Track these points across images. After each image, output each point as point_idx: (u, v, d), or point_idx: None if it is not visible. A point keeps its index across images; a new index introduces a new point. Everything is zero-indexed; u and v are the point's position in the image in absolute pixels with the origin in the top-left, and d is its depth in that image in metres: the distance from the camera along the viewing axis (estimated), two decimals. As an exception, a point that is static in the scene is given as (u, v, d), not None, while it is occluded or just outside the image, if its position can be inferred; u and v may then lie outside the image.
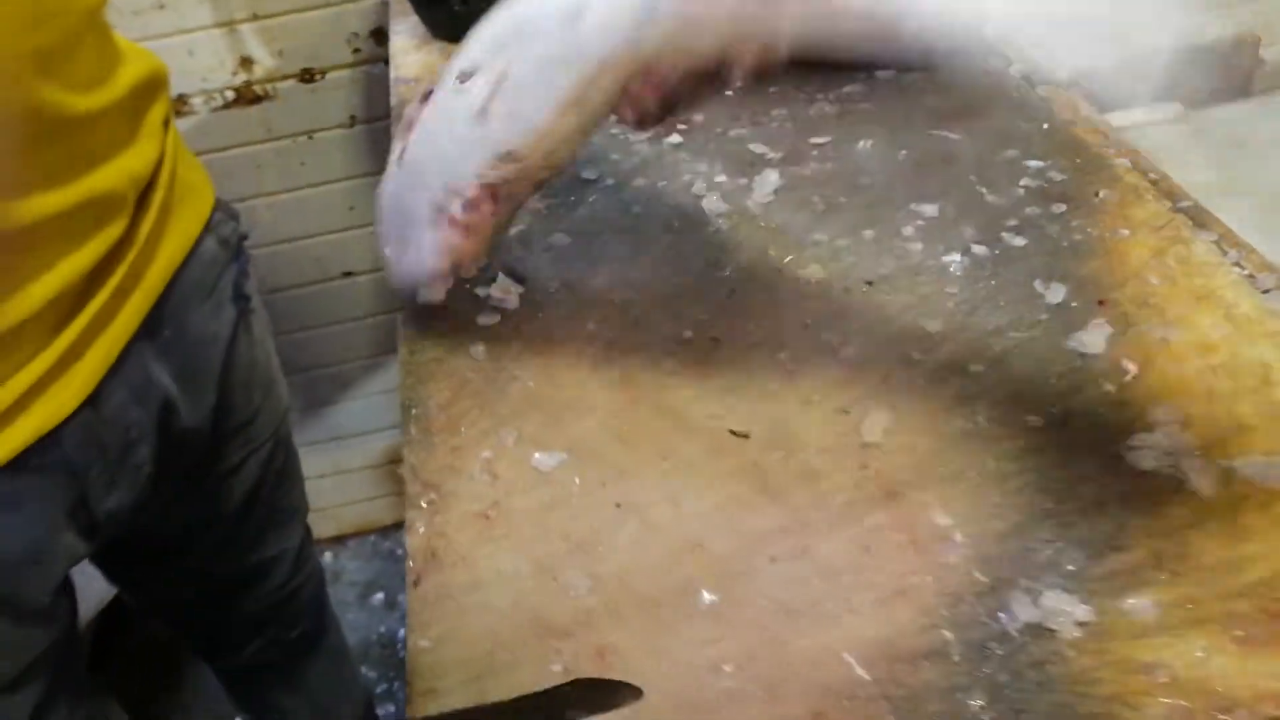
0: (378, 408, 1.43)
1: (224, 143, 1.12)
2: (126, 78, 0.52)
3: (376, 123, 1.15)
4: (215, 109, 1.10)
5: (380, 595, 1.58)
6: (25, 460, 0.50)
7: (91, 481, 0.55)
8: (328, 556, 1.65)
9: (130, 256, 0.53)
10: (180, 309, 0.60)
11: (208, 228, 0.62)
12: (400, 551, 1.51)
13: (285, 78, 1.09)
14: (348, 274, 1.28)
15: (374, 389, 1.41)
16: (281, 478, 0.80)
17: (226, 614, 0.84)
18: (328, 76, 1.10)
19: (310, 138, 1.15)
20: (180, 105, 1.09)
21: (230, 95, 1.09)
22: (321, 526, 1.63)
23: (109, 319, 0.52)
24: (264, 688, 0.95)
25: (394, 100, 0.86)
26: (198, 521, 0.75)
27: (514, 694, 0.42)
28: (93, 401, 0.53)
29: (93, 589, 1.10)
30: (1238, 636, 0.39)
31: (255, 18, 1.05)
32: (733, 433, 0.52)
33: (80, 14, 0.48)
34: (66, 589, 0.59)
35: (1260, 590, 0.41)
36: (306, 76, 1.10)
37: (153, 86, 0.56)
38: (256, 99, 1.10)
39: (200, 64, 1.06)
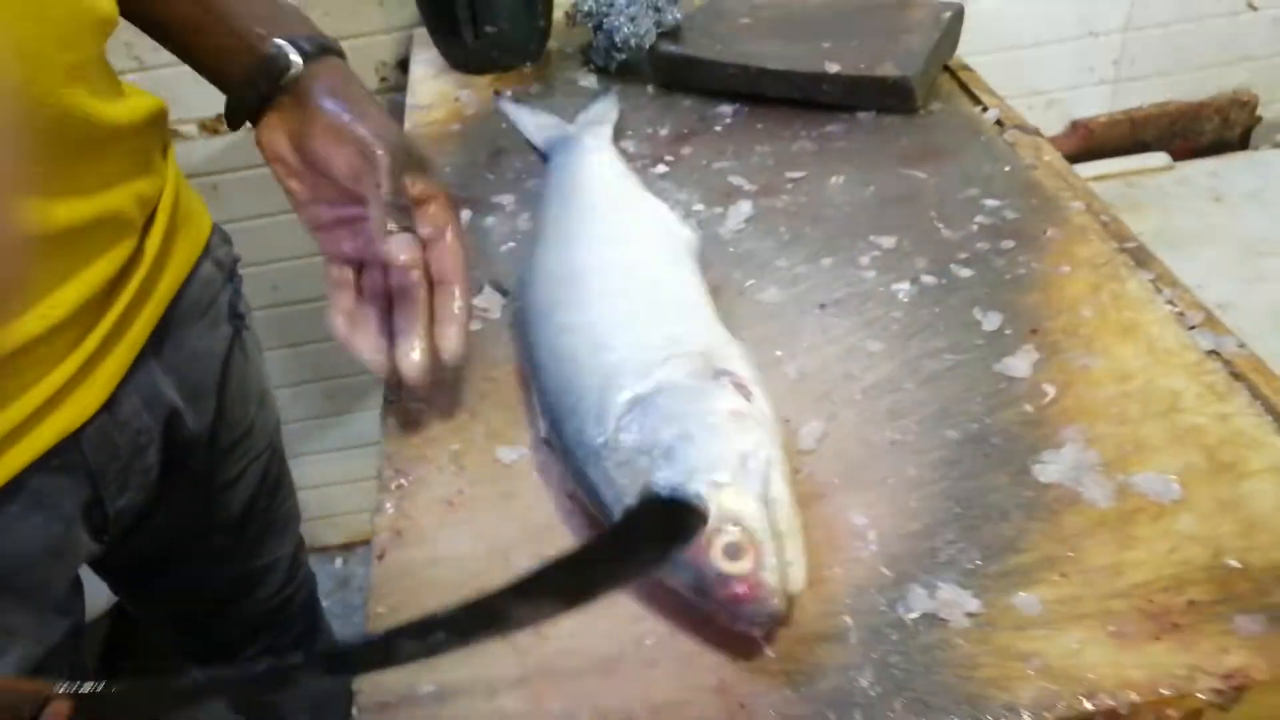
0: (390, 419, 1.49)
1: (255, 161, 1.19)
2: (137, 107, 0.59)
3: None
4: (248, 129, 1.17)
5: (385, 602, 1.63)
6: (49, 460, 0.55)
7: (107, 482, 0.60)
8: (337, 563, 1.71)
9: (140, 274, 0.59)
10: (181, 326, 0.66)
11: (205, 251, 0.69)
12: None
13: (315, 102, 1.17)
14: (366, 289, 1.34)
15: (386, 400, 1.46)
16: (276, 487, 0.85)
17: (223, 620, 0.89)
18: (356, 103, 1.17)
19: (336, 159, 1.21)
20: (216, 124, 1.16)
21: (263, 117, 1.16)
22: (331, 533, 1.68)
23: (123, 330, 0.58)
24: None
25: (407, 125, 0.93)
26: (199, 530, 0.79)
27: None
28: (109, 407, 0.58)
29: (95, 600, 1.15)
30: (1112, 631, 0.43)
31: (290, 45, 1.12)
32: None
33: (96, 37, 0.54)
34: (77, 585, 0.64)
35: (1138, 591, 0.44)
36: (335, 102, 1.17)
37: (158, 119, 0.62)
38: (288, 121, 1.17)
39: (236, 87, 1.13)
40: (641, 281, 0.60)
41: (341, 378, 1.45)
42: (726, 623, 0.43)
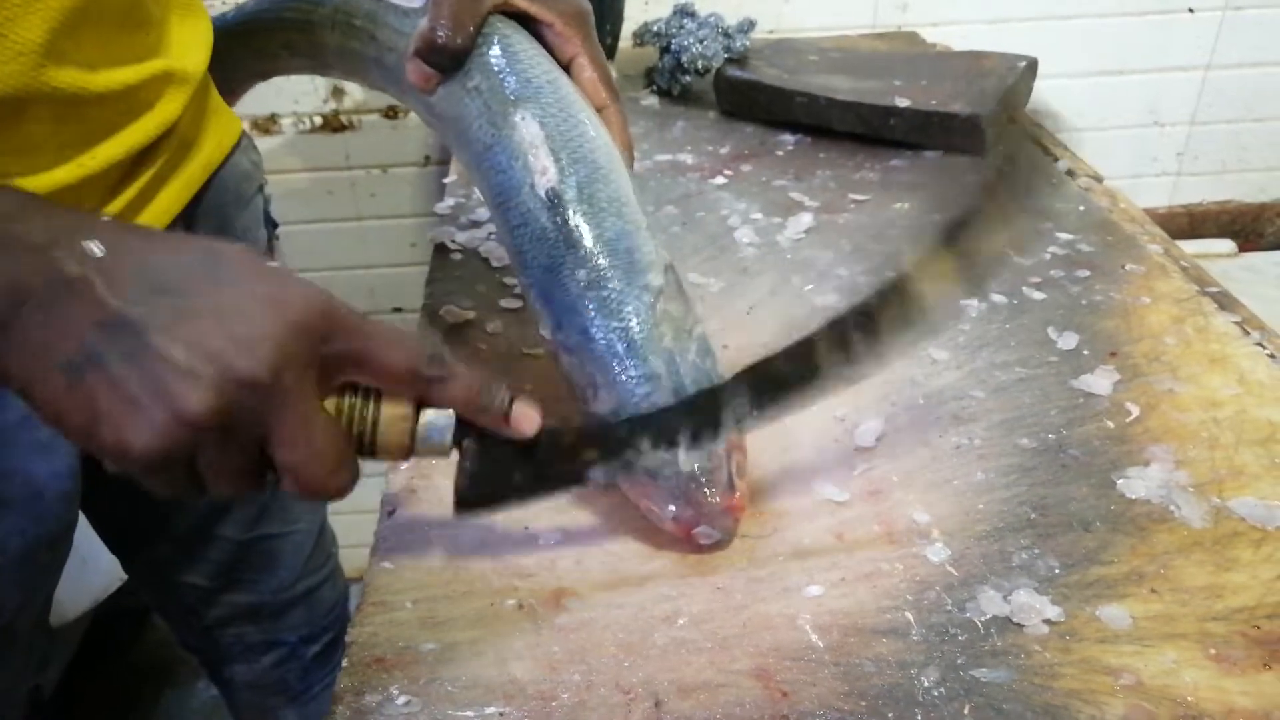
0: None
1: (304, 165, 1.19)
2: None
3: (447, 165, 1.21)
4: (302, 131, 1.17)
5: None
6: None
7: None
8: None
9: (172, 144, 0.58)
10: (218, 209, 0.64)
11: (239, 146, 0.67)
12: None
13: (370, 111, 1.17)
14: (397, 309, 1.32)
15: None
16: None
17: (236, 596, 0.79)
18: (410, 115, 1.17)
19: (385, 171, 1.21)
20: (269, 124, 1.16)
21: (318, 120, 1.16)
22: (329, 565, 1.62)
23: (152, 194, 0.56)
24: (274, 708, 0.90)
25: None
26: None
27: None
28: None
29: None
30: (1213, 654, 0.37)
31: (354, 54, 1.13)
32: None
33: None
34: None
35: (1242, 616, 0.39)
36: (390, 113, 1.17)
37: (201, 9, 0.61)
38: (341, 128, 1.17)
39: (296, 87, 1.14)
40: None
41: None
42: (683, 529, 0.43)
